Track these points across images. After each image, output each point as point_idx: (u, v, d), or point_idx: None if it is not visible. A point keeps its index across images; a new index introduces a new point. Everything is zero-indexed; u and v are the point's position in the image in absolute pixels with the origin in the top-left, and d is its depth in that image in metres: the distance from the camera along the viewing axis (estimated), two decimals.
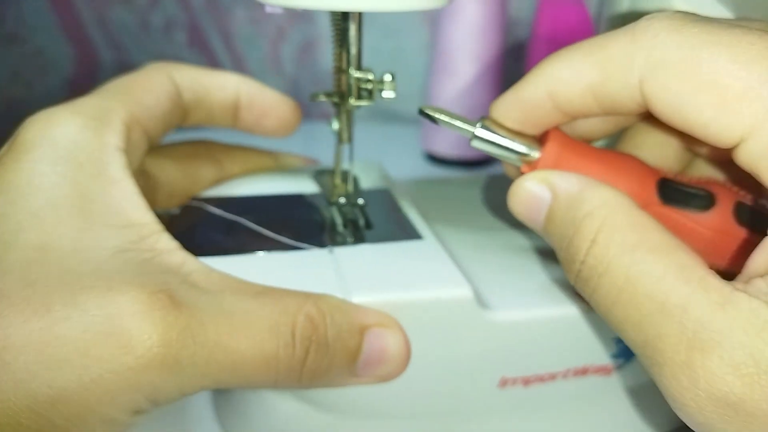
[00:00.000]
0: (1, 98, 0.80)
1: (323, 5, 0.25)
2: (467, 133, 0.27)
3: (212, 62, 0.84)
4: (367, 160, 0.38)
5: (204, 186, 0.34)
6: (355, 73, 0.30)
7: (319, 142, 0.46)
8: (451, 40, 0.70)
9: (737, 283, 0.21)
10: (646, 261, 0.22)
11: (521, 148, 0.27)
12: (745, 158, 0.21)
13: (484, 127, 0.27)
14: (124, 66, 0.30)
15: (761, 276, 0.21)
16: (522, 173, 0.27)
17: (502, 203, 0.28)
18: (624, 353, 0.30)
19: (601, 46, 0.24)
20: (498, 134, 0.27)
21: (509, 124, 0.27)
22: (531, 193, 0.26)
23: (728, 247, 0.26)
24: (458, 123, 0.27)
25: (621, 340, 0.26)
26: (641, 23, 0.23)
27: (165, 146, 0.33)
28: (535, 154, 0.27)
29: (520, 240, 0.34)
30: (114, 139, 0.27)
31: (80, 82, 0.82)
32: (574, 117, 0.26)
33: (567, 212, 0.24)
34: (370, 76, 0.29)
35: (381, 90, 0.30)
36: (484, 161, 0.71)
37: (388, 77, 0.30)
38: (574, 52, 0.25)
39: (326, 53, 0.83)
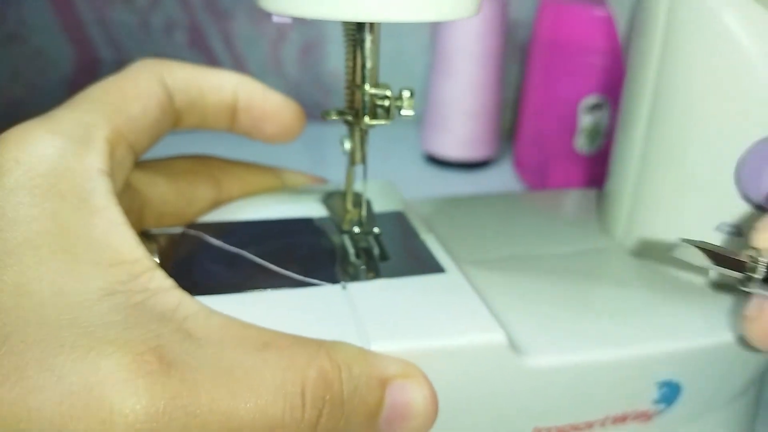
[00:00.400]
0: (1, 98, 0.78)
1: (338, 15, 0.22)
2: (745, 270, 0.24)
3: (212, 63, 0.82)
4: (377, 180, 0.36)
5: (200, 207, 0.31)
6: (371, 90, 0.27)
7: (320, 144, 0.43)
8: (451, 42, 0.69)
9: None
10: None
11: None
12: None
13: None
14: (124, 66, 0.27)
15: None
16: None
17: (523, 224, 0.26)
18: (666, 398, 0.28)
19: None
20: None
21: None
22: None
23: None
24: (732, 258, 0.24)
25: (664, 384, 0.25)
26: None
27: (157, 161, 0.30)
28: None
29: (547, 267, 0.32)
30: (97, 161, 0.24)
31: (80, 82, 0.80)
32: None
33: None
34: (388, 93, 0.27)
35: (399, 107, 0.27)
36: (483, 163, 0.70)
37: (406, 93, 0.27)
38: None
39: (327, 54, 0.82)
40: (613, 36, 0.62)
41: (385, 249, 0.30)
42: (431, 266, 0.29)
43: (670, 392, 0.28)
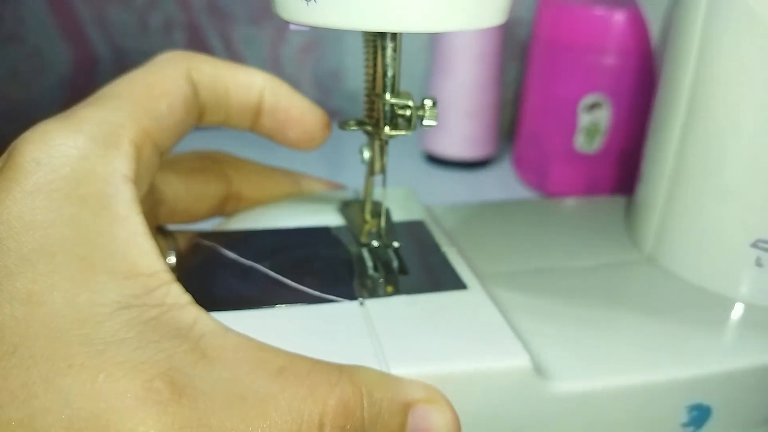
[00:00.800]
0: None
1: (362, 25, 0.21)
2: None
3: None
4: (397, 187, 0.34)
5: (209, 204, 0.30)
6: (392, 99, 0.26)
7: (332, 148, 0.41)
8: (451, 41, 0.68)
9: None
10: None
11: None
12: None
13: None
14: (123, 66, 0.26)
15: None
16: None
17: (548, 234, 0.25)
18: (695, 421, 0.27)
19: None
20: None
21: None
22: None
23: None
24: None
25: (694, 407, 0.23)
26: None
27: (170, 158, 0.29)
28: None
29: (573, 283, 0.30)
30: (122, 166, 0.22)
31: (78, 82, 0.79)
32: None
33: None
34: (410, 103, 0.25)
35: (421, 117, 0.26)
36: (482, 162, 0.70)
37: (428, 102, 0.26)
38: None
39: (327, 54, 0.80)
40: (611, 35, 0.62)
41: (404, 263, 0.29)
42: (453, 282, 0.28)
43: (699, 416, 0.26)
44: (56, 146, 0.21)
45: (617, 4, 0.62)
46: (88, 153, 0.22)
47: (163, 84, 0.25)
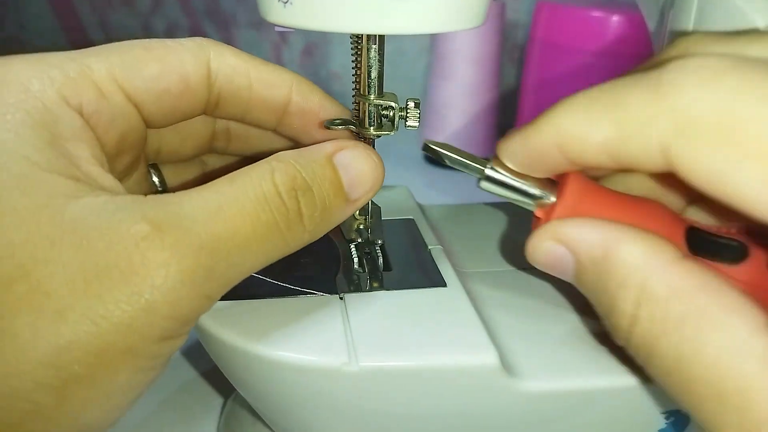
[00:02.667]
0: None
1: (341, 28, 0.21)
2: (476, 172, 0.24)
3: None
4: (393, 186, 0.34)
5: (197, 143, 0.30)
6: (376, 100, 0.26)
7: None
8: (450, 44, 0.69)
9: None
10: (697, 339, 0.18)
11: (535, 191, 0.24)
12: None
13: (494, 167, 0.24)
14: None
15: None
16: (536, 217, 0.24)
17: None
18: (675, 427, 0.26)
19: (620, 102, 0.19)
20: (510, 176, 0.24)
21: (516, 168, 0.23)
22: (551, 254, 0.23)
23: (765, 302, 0.21)
24: (467, 161, 0.24)
25: (671, 413, 0.23)
26: (667, 75, 0.18)
27: None
28: (551, 199, 0.23)
29: (554, 284, 0.29)
30: (75, 96, 0.22)
31: None
32: (586, 168, 0.23)
33: (597, 280, 0.21)
34: (392, 104, 0.26)
35: (404, 119, 0.26)
36: None
37: (411, 104, 0.26)
38: (588, 106, 0.20)
39: (329, 56, 0.81)
40: (607, 36, 0.61)
41: (388, 259, 0.29)
42: (433, 279, 0.28)
43: (678, 422, 0.26)
44: (14, 70, 0.22)
45: (615, 6, 0.62)
46: (43, 76, 0.22)
47: (164, 53, 0.25)
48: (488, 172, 0.24)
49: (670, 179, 0.21)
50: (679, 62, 0.18)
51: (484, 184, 0.24)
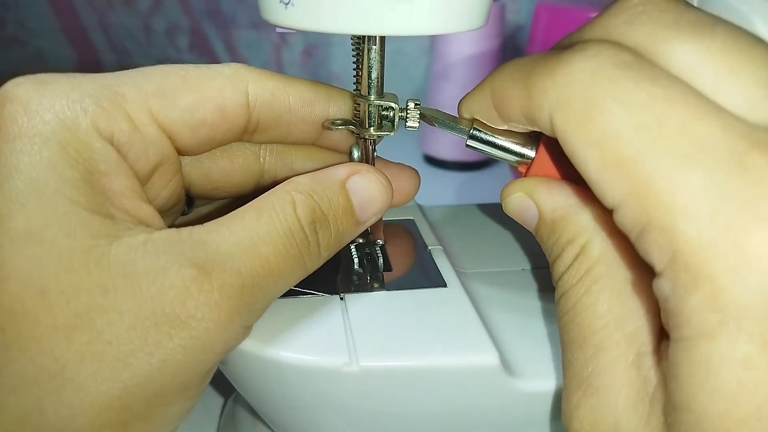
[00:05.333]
0: None
1: (340, 29, 0.21)
2: (462, 132, 0.25)
3: None
4: None
5: (239, 185, 0.29)
6: (376, 101, 0.26)
7: None
8: (450, 45, 0.69)
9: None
10: (597, 296, 0.21)
11: (517, 148, 0.25)
12: (619, 224, 0.19)
13: (477, 127, 0.25)
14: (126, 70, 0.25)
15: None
16: (519, 172, 0.26)
17: (531, 235, 0.25)
18: None
19: (530, 71, 0.21)
20: (492, 134, 0.25)
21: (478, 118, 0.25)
22: (520, 204, 0.25)
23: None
24: (454, 122, 0.26)
25: None
26: (567, 55, 0.20)
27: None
28: (531, 154, 0.25)
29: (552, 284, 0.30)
30: (108, 127, 0.22)
31: None
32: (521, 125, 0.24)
33: (551, 234, 0.24)
34: (393, 105, 0.26)
35: (404, 119, 0.26)
36: (481, 164, 0.70)
37: (411, 104, 0.26)
38: (513, 71, 0.22)
39: (330, 57, 0.81)
40: None
41: (388, 260, 0.29)
42: (433, 280, 0.28)
43: None
44: (47, 95, 0.21)
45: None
46: (76, 106, 0.22)
47: (200, 82, 0.24)
48: (473, 131, 0.25)
49: None
50: (583, 46, 0.20)
51: (471, 143, 0.25)
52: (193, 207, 0.30)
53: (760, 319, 0.16)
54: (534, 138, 0.25)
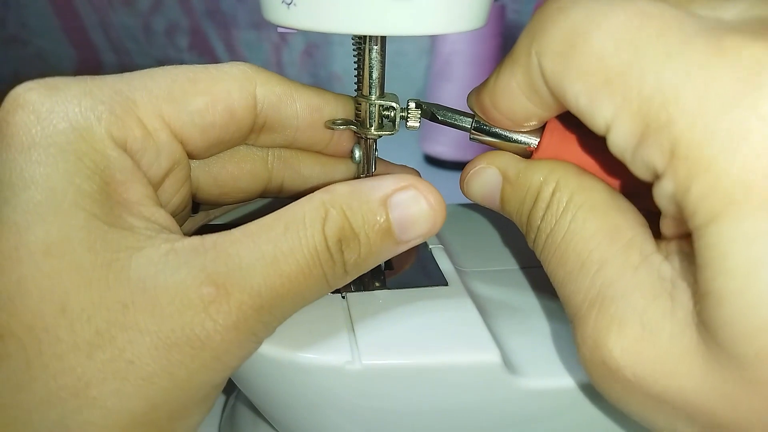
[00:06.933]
0: (1, 101, 0.77)
1: (341, 29, 0.21)
2: (466, 124, 0.26)
3: None
4: None
5: (245, 191, 0.29)
6: (377, 100, 0.26)
7: None
8: (450, 45, 0.69)
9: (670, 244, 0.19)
10: (584, 219, 0.21)
11: (520, 137, 0.25)
12: (614, 146, 0.19)
13: (479, 121, 0.25)
14: (127, 70, 0.25)
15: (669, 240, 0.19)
16: None
17: None
18: None
19: (510, 54, 0.22)
20: (495, 126, 0.25)
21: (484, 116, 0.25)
22: (481, 176, 0.25)
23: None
24: (456, 115, 0.26)
25: None
26: (542, 6, 0.21)
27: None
28: (534, 142, 0.25)
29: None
30: (121, 134, 0.22)
31: None
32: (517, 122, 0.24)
33: (519, 189, 0.24)
34: (394, 104, 0.26)
35: (405, 119, 0.26)
36: None
37: (412, 104, 0.26)
38: (504, 64, 0.23)
39: (330, 56, 0.81)
40: None
41: (389, 259, 0.29)
42: (434, 278, 0.28)
43: None
44: (59, 102, 0.21)
45: None
46: (90, 114, 0.21)
47: (210, 84, 0.24)
48: (476, 123, 0.25)
49: None
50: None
51: (474, 135, 0.26)
52: (198, 211, 0.30)
53: (762, 193, 0.16)
54: (535, 130, 0.25)
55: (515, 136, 0.25)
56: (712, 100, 0.17)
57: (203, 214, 0.30)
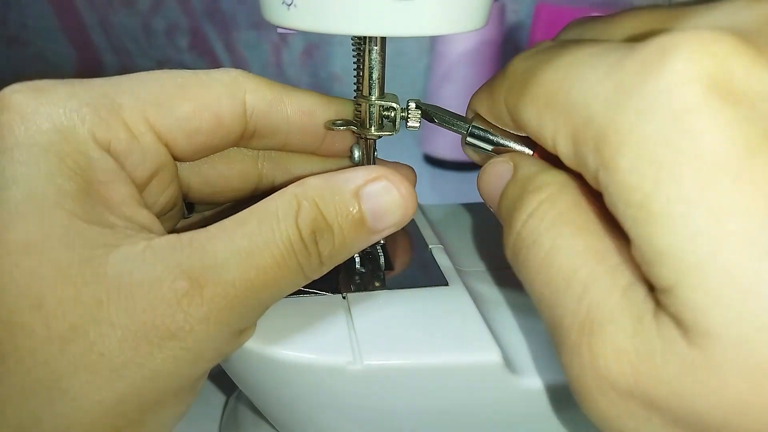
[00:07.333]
0: None
1: (342, 30, 0.21)
2: (462, 129, 0.26)
3: (214, 67, 0.81)
4: None
5: (236, 191, 0.29)
6: (377, 101, 0.26)
7: None
8: (450, 45, 0.69)
9: None
10: (572, 236, 0.20)
11: (515, 146, 0.25)
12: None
13: (477, 125, 0.25)
14: (127, 70, 0.25)
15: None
16: None
17: None
18: None
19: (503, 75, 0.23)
20: (492, 132, 0.25)
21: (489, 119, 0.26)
22: (498, 167, 0.25)
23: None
24: (453, 119, 0.26)
25: None
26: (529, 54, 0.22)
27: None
28: (530, 151, 0.25)
29: None
30: (105, 136, 0.22)
31: None
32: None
33: (520, 187, 0.23)
34: (394, 105, 0.26)
35: (405, 119, 0.26)
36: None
37: (412, 105, 0.26)
38: (491, 82, 0.24)
39: (329, 56, 0.81)
40: None
41: (389, 259, 0.29)
42: (435, 279, 0.28)
43: None
44: (44, 103, 0.22)
45: (614, 7, 0.62)
46: (74, 116, 0.22)
47: (197, 90, 0.24)
48: (473, 129, 0.25)
49: None
50: (547, 42, 0.23)
51: (470, 140, 0.26)
52: (193, 212, 0.30)
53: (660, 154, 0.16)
54: (528, 139, 0.25)
55: (511, 144, 0.25)
56: (618, 94, 0.18)
57: (198, 216, 0.30)
